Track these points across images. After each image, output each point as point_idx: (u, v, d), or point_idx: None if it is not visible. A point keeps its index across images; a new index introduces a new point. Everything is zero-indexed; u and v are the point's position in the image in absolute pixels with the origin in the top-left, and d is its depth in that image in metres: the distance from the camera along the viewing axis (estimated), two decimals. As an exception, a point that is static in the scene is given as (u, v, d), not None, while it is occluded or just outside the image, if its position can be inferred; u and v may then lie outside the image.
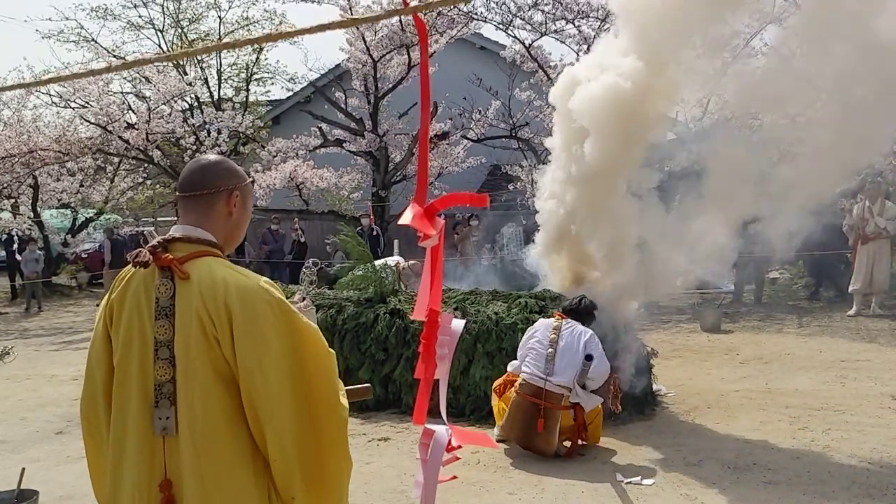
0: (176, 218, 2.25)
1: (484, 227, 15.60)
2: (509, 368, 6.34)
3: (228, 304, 2.05)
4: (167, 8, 22.72)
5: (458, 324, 2.26)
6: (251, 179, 2.35)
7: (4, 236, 18.36)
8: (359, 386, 2.73)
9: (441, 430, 2.24)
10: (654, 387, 7.42)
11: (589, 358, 5.84)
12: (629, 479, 5.32)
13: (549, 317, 6.36)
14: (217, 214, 2.24)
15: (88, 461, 2.32)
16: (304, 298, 2.69)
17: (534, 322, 6.74)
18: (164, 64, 18.80)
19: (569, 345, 5.90)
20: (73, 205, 20.59)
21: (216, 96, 21.98)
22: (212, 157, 2.31)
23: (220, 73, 22.76)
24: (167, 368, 2.06)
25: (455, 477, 3.07)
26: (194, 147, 18.50)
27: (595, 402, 5.96)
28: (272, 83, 26.14)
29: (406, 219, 1.93)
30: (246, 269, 2.19)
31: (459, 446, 2.41)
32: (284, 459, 2.06)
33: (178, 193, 2.27)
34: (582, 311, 6.20)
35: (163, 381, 2.06)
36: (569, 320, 6.09)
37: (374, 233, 15.99)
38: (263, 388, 2.02)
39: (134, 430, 2.08)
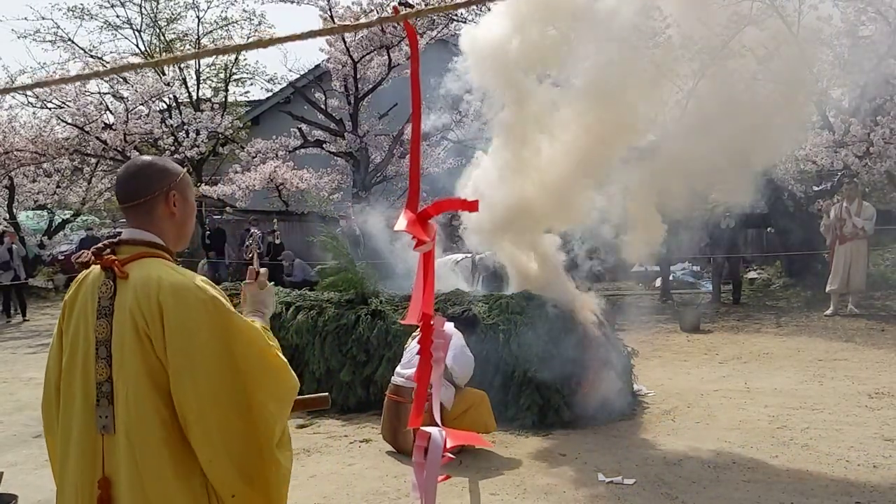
0: None
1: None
2: None
3: (161, 302, 2.06)
4: (145, 8, 22.58)
5: (450, 327, 2.27)
6: (185, 169, 2.34)
7: None
8: (314, 395, 2.71)
9: (437, 432, 2.25)
10: (635, 387, 7.47)
11: None
12: (610, 479, 5.34)
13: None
14: (159, 218, 2.25)
15: (50, 461, 2.34)
16: (256, 276, 2.52)
17: (515, 323, 6.79)
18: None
19: None
20: (49, 206, 20.38)
21: (195, 97, 21.84)
22: (140, 160, 2.30)
23: (198, 73, 22.64)
24: (105, 368, 2.09)
25: (449, 476, 3.09)
26: (173, 148, 18.37)
27: (448, 393, 5.96)
28: (251, 84, 26.09)
29: (400, 225, 1.93)
30: (185, 269, 2.21)
31: (454, 447, 2.42)
32: (216, 460, 2.06)
33: (118, 204, 2.29)
34: (458, 318, 6.44)
35: (102, 379, 2.10)
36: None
37: (357, 233, 15.93)
38: (192, 388, 2.03)
39: (77, 429, 2.12)
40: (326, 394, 2.80)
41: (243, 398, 2.07)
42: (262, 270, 2.52)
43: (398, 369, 6.26)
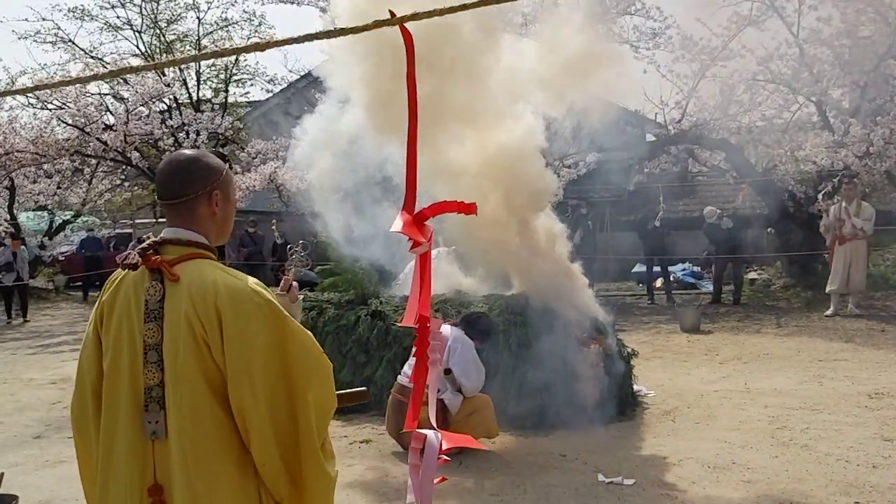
0: (154, 220, 2.23)
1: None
2: None
3: (219, 307, 2.02)
4: (145, 9, 22.60)
5: (447, 329, 2.27)
6: (227, 164, 2.30)
7: None
8: (353, 390, 2.69)
9: (433, 434, 2.25)
10: (635, 387, 7.46)
11: (447, 371, 5.87)
12: (610, 479, 5.34)
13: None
14: (201, 217, 2.21)
15: (79, 464, 2.29)
16: (289, 288, 2.57)
17: (516, 322, 6.78)
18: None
19: None
20: (50, 207, 20.39)
21: (195, 97, 21.84)
22: (184, 155, 2.25)
23: (198, 74, 22.63)
24: (156, 372, 2.04)
25: (444, 479, 3.09)
26: (173, 149, 18.37)
27: (457, 401, 5.95)
28: (251, 84, 26.16)
29: (396, 226, 1.93)
30: (237, 271, 2.17)
31: (449, 449, 2.42)
32: (271, 464, 2.05)
33: (157, 199, 2.25)
34: (474, 325, 6.27)
35: (152, 384, 2.04)
36: (453, 328, 6.07)
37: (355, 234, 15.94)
38: (250, 392, 2.01)
39: (123, 434, 2.07)
40: (364, 388, 2.78)
41: (295, 401, 2.06)
42: (294, 284, 2.54)
43: (405, 368, 6.24)
